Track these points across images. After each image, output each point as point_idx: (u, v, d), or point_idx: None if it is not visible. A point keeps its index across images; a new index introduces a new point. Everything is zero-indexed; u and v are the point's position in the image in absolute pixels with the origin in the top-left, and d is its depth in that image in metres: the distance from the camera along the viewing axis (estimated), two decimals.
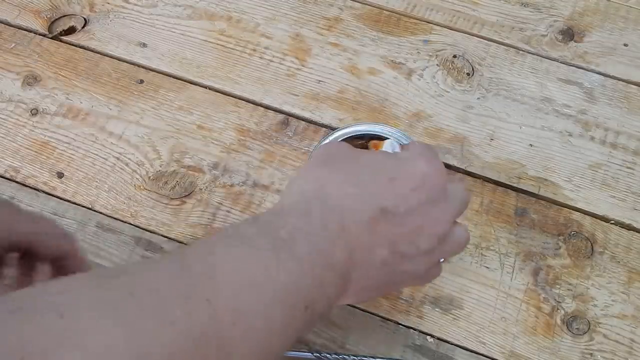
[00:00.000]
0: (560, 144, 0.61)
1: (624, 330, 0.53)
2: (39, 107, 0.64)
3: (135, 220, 0.58)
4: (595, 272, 0.55)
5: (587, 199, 0.59)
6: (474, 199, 0.59)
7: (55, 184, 0.60)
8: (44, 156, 0.61)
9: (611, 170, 0.60)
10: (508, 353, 0.52)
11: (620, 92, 0.64)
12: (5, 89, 0.65)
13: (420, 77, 0.65)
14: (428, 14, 0.69)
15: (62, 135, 0.62)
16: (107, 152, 0.61)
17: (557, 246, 0.56)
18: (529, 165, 0.60)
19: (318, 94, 0.64)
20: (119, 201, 0.59)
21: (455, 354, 0.52)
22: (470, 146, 0.61)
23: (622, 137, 0.62)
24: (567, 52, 0.66)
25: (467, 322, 0.54)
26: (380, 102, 0.64)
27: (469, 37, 0.67)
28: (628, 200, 0.59)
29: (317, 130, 0.62)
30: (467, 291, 0.55)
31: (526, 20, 0.68)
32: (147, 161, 0.61)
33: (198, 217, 0.58)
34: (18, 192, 0.60)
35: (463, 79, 0.65)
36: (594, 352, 0.52)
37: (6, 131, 0.63)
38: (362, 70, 0.65)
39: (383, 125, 0.54)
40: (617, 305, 0.54)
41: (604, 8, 0.68)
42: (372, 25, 0.68)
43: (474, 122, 0.62)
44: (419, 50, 0.66)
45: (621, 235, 0.57)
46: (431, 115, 0.63)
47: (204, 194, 0.59)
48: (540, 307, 0.54)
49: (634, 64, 0.65)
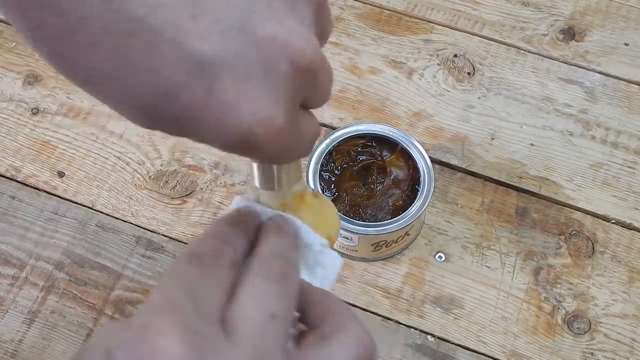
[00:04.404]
0: (561, 144, 0.61)
1: (625, 330, 0.53)
2: (39, 107, 0.64)
3: (136, 220, 0.58)
4: (596, 272, 0.55)
5: (588, 198, 0.59)
6: (475, 198, 0.59)
7: (56, 184, 0.60)
8: (45, 155, 0.61)
9: (612, 170, 0.60)
10: (509, 352, 0.52)
11: (621, 91, 0.64)
12: (6, 89, 0.65)
13: (421, 77, 0.65)
14: (429, 13, 0.69)
15: (63, 135, 0.62)
16: (108, 152, 0.61)
17: (558, 246, 0.56)
18: (530, 165, 0.60)
19: None
20: (120, 200, 0.59)
21: (456, 354, 0.52)
22: (471, 145, 0.61)
23: (623, 137, 0.62)
24: (568, 51, 0.66)
25: (468, 321, 0.54)
26: (381, 102, 0.64)
27: (469, 36, 0.67)
28: (629, 200, 0.59)
29: None
30: (468, 291, 0.55)
31: (527, 20, 0.68)
32: (148, 160, 0.61)
33: (199, 216, 0.58)
34: (19, 191, 0.60)
35: (464, 79, 0.65)
36: (595, 352, 0.52)
37: (7, 130, 0.63)
38: (363, 70, 0.65)
39: (384, 125, 0.54)
40: (618, 305, 0.54)
41: (605, 7, 0.68)
42: (373, 25, 0.68)
43: (475, 121, 0.62)
44: (420, 49, 0.66)
45: (622, 234, 0.57)
46: (432, 114, 0.63)
47: (205, 194, 0.59)
48: (541, 307, 0.54)
49: (635, 64, 0.65)
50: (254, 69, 0.24)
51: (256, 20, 0.24)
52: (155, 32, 0.23)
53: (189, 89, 0.23)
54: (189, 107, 0.24)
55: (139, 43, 0.23)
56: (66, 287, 0.55)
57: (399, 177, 0.54)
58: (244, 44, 0.23)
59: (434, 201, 0.58)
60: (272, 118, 0.24)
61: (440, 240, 0.57)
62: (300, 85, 0.25)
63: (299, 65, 0.24)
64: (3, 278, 0.56)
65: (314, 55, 0.25)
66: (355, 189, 0.53)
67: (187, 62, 0.23)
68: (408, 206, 0.51)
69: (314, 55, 0.25)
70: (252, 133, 0.24)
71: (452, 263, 0.56)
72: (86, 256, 0.56)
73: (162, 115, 0.24)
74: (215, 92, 0.23)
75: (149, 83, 0.23)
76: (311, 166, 0.52)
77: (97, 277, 0.56)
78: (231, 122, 0.24)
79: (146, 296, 0.23)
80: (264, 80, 0.24)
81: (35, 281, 0.55)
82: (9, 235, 0.58)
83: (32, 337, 0.54)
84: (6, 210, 0.59)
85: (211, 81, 0.23)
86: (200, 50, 0.23)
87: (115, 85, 0.24)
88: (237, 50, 0.23)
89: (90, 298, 0.55)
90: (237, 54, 0.23)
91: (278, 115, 0.25)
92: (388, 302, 0.54)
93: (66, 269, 0.56)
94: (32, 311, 0.54)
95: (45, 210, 0.59)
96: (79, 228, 0.58)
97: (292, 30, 0.24)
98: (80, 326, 0.54)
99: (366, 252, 0.54)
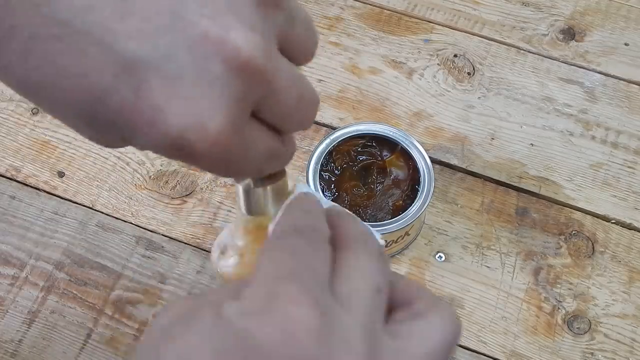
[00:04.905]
0: (561, 144, 0.61)
1: (625, 330, 0.53)
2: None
3: (136, 220, 0.58)
4: (596, 272, 0.55)
5: (588, 198, 0.59)
6: (475, 198, 0.59)
7: (56, 184, 0.60)
8: (45, 155, 0.61)
9: (612, 170, 0.60)
10: (509, 352, 0.52)
11: (621, 91, 0.64)
12: (6, 89, 0.65)
13: (421, 77, 0.65)
14: (429, 13, 0.69)
15: (63, 135, 0.62)
16: (108, 152, 0.61)
17: (558, 246, 0.56)
18: (530, 165, 0.60)
19: (319, 93, 0.64)
20: (120, 200, 0.59)
21: (456, 354, 0.52)
22: (471, 145, 0.61)
23: (623, 137, 0.62)
24: (568, 51, 0.66)
25: (468, 321, 0.54)
26: (381, 102, 0.64)
27: (469, 36, 0.67)
28: (629, 200, 0.59)
29: (317, 129, 0.62)
30: (468, 290, 0.55)
31: (527, 20, 0.68)
32: (148, 160, 0.61)
33: (199, 216, 0.58)
34: (19, 191, 0.60)
35: (464, 79, 0.65)
36: (595, 352, 0.52)
37: (7, 130, 0.63)
38: (363, 70, 0.65)
39: (384, 125, 0.54)
40: (618, 305, 0.54)
41: (605, 7, 0.68)
42: (373, 25, 0.68)
43: (475, 121, 0.62)
44: (420, 49, 0.66)
45: (622, 234, 0.57)
46: (432, 114, 0.63)
47: (205, 193, 0.59)
48: (541, 307, 0.54)
49: (635, 64, 0.65)
50: (186, 69, 0.22)
51: (188, 18, 0.22)
52: (82, 35, 0.22)
53: (118, 91, 0.22)
54: (120, 111, 0.23)
55: (66, 47, 0.22)
56: (66, 287, 0.55)
57: (399, 177, 0.54)
58: (174, 43, 0.22)
59: (434, 201, 0.58)
60: (206, 122, 0.23)
61: (440, 240, 0.57)
62: (243, 88, 0.23)
63: (234, 65, 0.22)
64: (3, 278, 0.56)
65: (252, 53, 0.22)
66: (355, 189, 0.53)
67: (115, 64, 0.22)
68: (408, 206, 0.51)
69: (253, 53, 0.22)
70: (183, 138, 0.23)
71: (452, 263, 0.56)
72: (86, 256, 0.56)
73: (98, 121, 0.23)
74: (144, 94, 0.22)
75: (80, 88, 0.23)
76: (311, 166, 0.52)
77: (97, 277, 0.56)
78: (161, 125, 0.23)
79: (255, 267, 0.23)
80: (197, 82, 0.22)
81: (35, 281, 0.55)
82: (9, 235, 0.58)
83: (32, 337, 0.54)
84: (6, 210, 0.59)
85: (139, 82, 0.22)
86: (128, 50, 0.22)
87: (49, 92, 0.23)
88: (166, 50, 0.22)
89: (90, 298, 0.55)
90: (166, 53, 0.22)
91: (214, 120, 0.23)
92: None
93: (66, 269, 0.56)
94: (32, 311, 0.54)
95: (45, 210, 0.59)
96: (79, 228, 0.58)
97: (226, 27, 0.22)
98: (80, 326, 0.54)
99: None
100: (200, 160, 0.24)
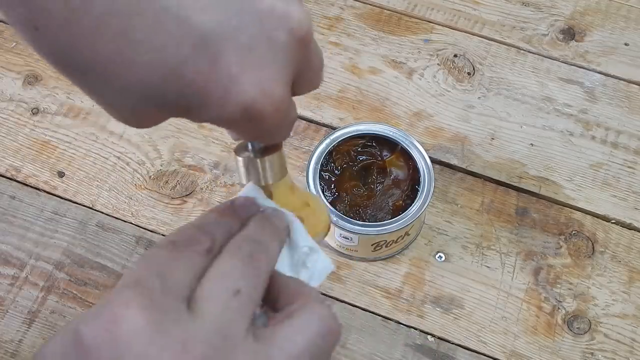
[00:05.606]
0: (561, 144, 0.61)
1: (625, 330, 0.53)
2: (39, 107, 0.64)
3: (136, 220, 0.58)
4: (596, 272, 0.55)
5: (588, 198, 0.59)
6: (475, 198, 0.59)
7: (56, 184, 0.60)
8: (45, 155, 0.61)
9: (612, 170, 0.60)
10: (509, 352, 0.52)
11: (621, 91, 0.64)
12: (6, 89, 0.65)
13: (421, 77, 0.65)
14: (429, 13, 0.69)
15: (63, 135, 0.62)
16: (108, 152, 0.61)
17: (558, 246, 0.56)
18: (530, 165, 0.60)
19: (319, 93, 0.64)
20: (120, 200, 0.59)
21: (456, 354, 0.52)
22: (471, 145, 0.61)
23: (623, 137, 0.62)
24: (568, 51, 0.66)
25: (468, 321, 0.54)
26: (381, 102, 0.64)
27: (469, 36, 0.67)
28: (629, 200, 0.59)
29: (317, 129, 0.62)
30: (468, 290, 0.55)
31: (527, 20, 0.68)
32: (148, 160, 0.61)
33: (199, 216, 0.58)
34: (19, 191, 0.60)
35: (464, 79, 0.65)
36: (595, 352, 0.52)
37: (7, 130, 0.63)
38: (363, 70, 0.65)
39: (384, 125, 0.54)
40: (618, 305, 0.54)
41: (605, 7, 0.68)
42: (373, 25, 0.68)
43: (475, 121, 0.62)
44: (420, 49, 0.66)
45: (622, 234, 0.57)
46: (432, 114, 0.63)
47: (205, 193, 0.59)
48: (541, 307, 0.54)
49: (635, 64, 0.65)
50: (256, 40, 0.24)
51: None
52: (159, 10, 0.22)
53: (194, 63, 0.23)
54: (195, 82, 0.24)
55: (144, 22, 0.22)
56: (66, 287, 0.55)
57: (399, 177, 0.54)
58: (245, 15, 0.24)
59: (434, 201, 0.58)
60: (274, 89, 0.25)
61: (440, 240, 0.57)
62: (296, 57, 0.25)
63: (298, 35, 0.25)
64: (3, 278, 0.56)
65: (310, 26, 0.25)
66: (355, 189, 0.53)
67: (191, 37, 0.23)
68: (408, 206, 0.51)
69: (310, 25, 0.25)
70: (255, 104, 0.24)
71: (452, 263, 0.56)
72: (86, 256, 0.56)
73: (166, 96, 0.24)
74: (220, 64, 0.24)
75: (156, 62, 0.23)
76: (311, 166, 0.52)
77: (97, 277, 0.56)
78: (235, 93, 0.24)
79: None
80: (266, 52, 0.24)
81: (35, 281, 0.55)
82: (9, 235, 0.58)
83: (32, 337, 0.54)
84: (6, 210, 0.59)
85: (215, 53, 0.23)
86: (203, 23, 0.23)
87: (119, 69, 0.23)
88: (238, 22, 0.24)
89: (90, 298, 0.55)
90: (238, 25, 0.24)
91: (279, 87, 0.25)
92: (388, 302, 0.54)
93: (66, 269, 0.56)
94: (32, 311, 0.54)
95: (45, 210, 0.59)
96: (79, 228, 0.58)
97: (288, 2, 0.24)
98: None
99: (366, 252, 0.54)
100: (263, 124, 0.25)
